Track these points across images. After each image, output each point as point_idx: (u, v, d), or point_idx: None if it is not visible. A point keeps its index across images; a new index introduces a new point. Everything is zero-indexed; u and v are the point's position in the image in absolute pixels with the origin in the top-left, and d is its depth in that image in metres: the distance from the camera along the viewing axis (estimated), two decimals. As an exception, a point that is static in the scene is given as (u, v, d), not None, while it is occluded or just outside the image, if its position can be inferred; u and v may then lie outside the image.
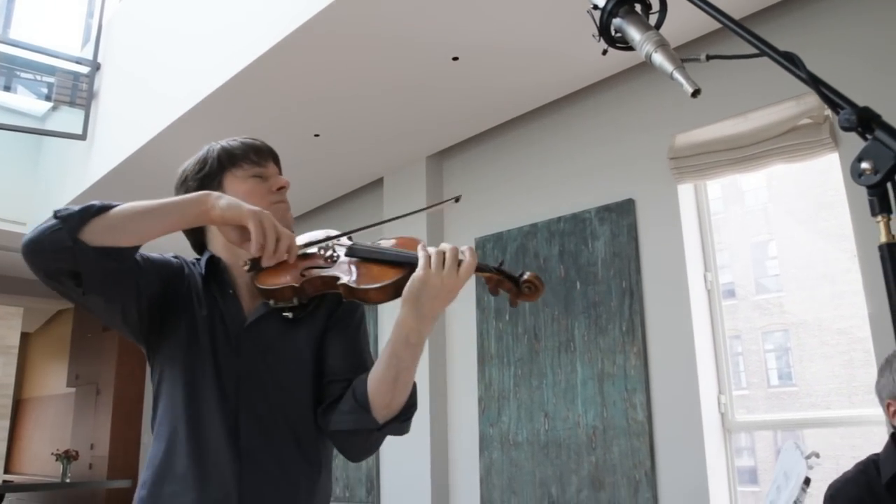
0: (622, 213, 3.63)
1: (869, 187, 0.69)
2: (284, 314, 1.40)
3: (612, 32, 1.01)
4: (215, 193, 1.25)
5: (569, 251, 3.80)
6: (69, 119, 5.57)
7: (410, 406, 1.36)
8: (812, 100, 3.09)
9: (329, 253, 1.38)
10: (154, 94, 4.45)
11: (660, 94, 3.56)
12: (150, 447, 1.41)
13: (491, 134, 4.37)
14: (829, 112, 3.05)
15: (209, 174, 1.48)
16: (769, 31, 3.30)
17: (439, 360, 4.31)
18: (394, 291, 1.28)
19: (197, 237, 1.54)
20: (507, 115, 4.17)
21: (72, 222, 1.17)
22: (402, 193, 4.73)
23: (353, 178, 5.02)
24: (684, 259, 3.43)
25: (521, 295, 1.32)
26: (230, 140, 1.54)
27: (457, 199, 1.50)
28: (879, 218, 0.68)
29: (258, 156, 1.51)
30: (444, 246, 1.28)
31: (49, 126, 6.15)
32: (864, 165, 0.69)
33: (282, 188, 1.51)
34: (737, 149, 3.30)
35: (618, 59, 3.52)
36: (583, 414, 3.58)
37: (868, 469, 1.80)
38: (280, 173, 1.55)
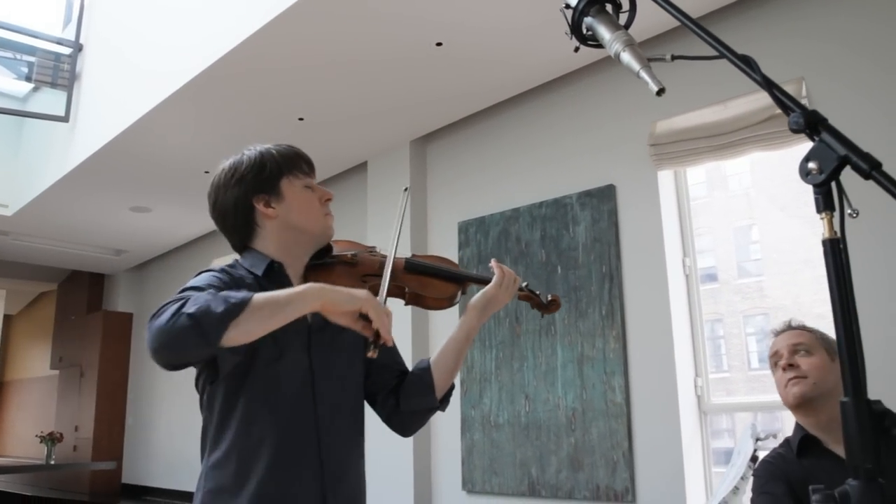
0: (603, 199, 3.68)
1: (815, 186, 0.73)
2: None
3: (584, 31, 1.05)
4: (326, 286, 1.28)
5: (550, 236, 3.85)
6: (51, 100, 5.53)
7: (453, 387, 1.68)
8: (790, 88, 3.14)
9: (380, 264, 1.59)
10: (138, 78, 4.44)
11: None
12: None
13: (474, 119, 4.40)
14: (806, 100, 3.10)
15: (269, 177, 1.54)
16: (757, 18, 3.34)
17: (422, 344, 4.36)
18: (448, 303, 1.63)
19: (242, 237, 1.58)
20: (490, 100, 4.20)
21: (213, 333, 1.18)
22: (386, 177, 4.75)
23: (337, 161, 5.03)
24: (663, 244, 3.48)
25: (548, 309, 1.79)
26: (277, 146, 1.62)
27: (406, 189, 1.69)
28: (823, 215, 0.72)
29: (307, 166, 1.62)
30: (506, 268, 1.67)
31: (31, 107, 6.11)
32: (811, 165, 0.74)
33: (328, 200, 1.61)
34: (716, 136, 3.35)
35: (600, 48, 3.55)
36: (562, 396, 3.64)
37: (784, 445, 1.97)
38: None
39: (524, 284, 1.74)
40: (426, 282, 1.63)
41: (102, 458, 7.10)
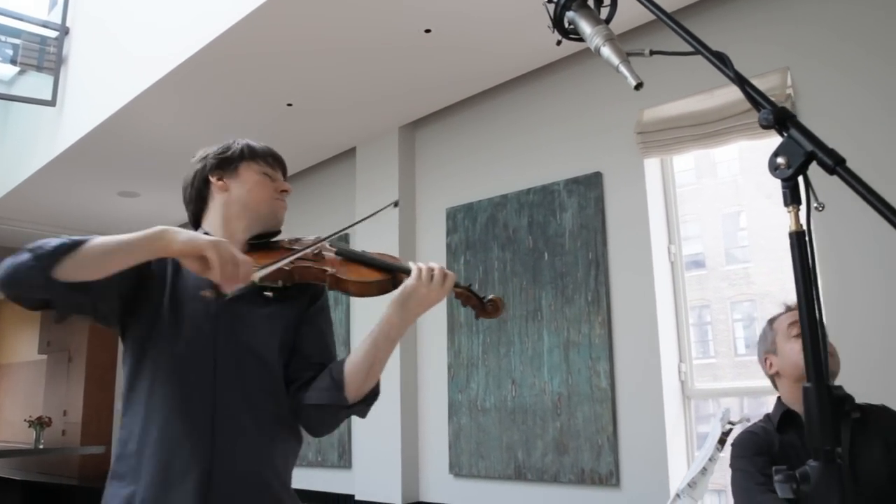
0: (590, 186, 3.71)
1: (783, 180, 0.76)
2: (266, 293, 1.54)
3: (566, 25, 1.07)
4: (174, 229, 1.31)
5: (537, 222, 3.88)
6: (38, 84, 5.50)
7: (375, 393, 1.56)
8: (775, 78, 3.17)
9: (316, 252, 1.56)
10: (125, 62, 4.42)
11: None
12: (122, 414, 1.50)
13: (463, 106, 4.41)
14: (790, 90, 3.14)
15: (230, 158, 1.65)
16: (741, 8, 3.37)
17: (410, 329, 4.39)
18: (376, 289, 1.53)
19: (195, 210, 1.69)
20: (478, 87, 4.21)
21: (44, 261, 1.25)
22: (374, 163, 4.76)
23: (325, 147, 5.03)
24: (649, 232, 3.52)
25: (485, 312, 1.61)
26: (254, 141, 1.72)
27: (395, 204, 1.72)
28: (790, 208, 0.75)
29: (274, 161, 1.70)
30: (433, 264, 1.52)
31: (16, 91, 6.07)
32: (780, 160, 0.77)
33: (285, 191, 1.68)
34: (702, 125, 3.38)
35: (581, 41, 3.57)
36: (548, 381, 3.68)
37: (765, 421, 2.04)
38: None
39: (469, 285, 1.63)
40: (352, 267, 1.57)
41: (91, 443, 7.12)
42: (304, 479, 4.92)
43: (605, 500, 3.43)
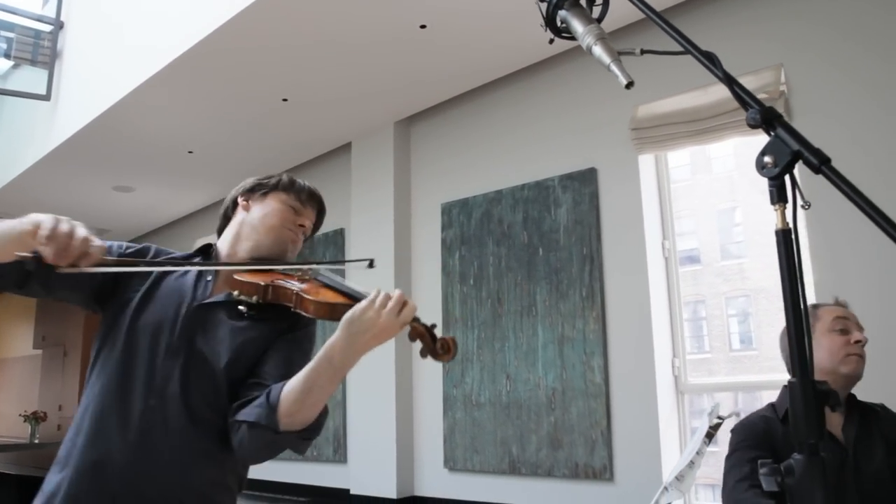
0: (584, 182, 3.72)
1: (770, 179, 0.77)
2: (240, 307, 1.52)
3: (558, 23, 1.08)
4: (35, 215, 1.31)
5: (532, 218, 3.89)
6: (32, 78, 5.49)
7: (313, 429, 1.41)
8: (768, 75, 3.19)
9: (306, 276, 1.55)
10: (120, 56, 4.42)
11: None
12: None
13: (458, 101, 4.42)
14: (784, 87, 3.15)
15: (266, 184, 1.69)
16: (735, 5, 3.38)
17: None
18: (329, 311, 1.41)
19: (221, 225, 1.73)
20: (473, 83, 4.21)
21: None
22: (369, 158, 4.77)
23: (321, 142, 5.04)
24: (643, 227, 3.53)
25: (434, 353, 1.41)
26: (300, 180, 1.74)
27: (370, 264, 1.61)
28: (777, 206, 0.77)
29: (308, 199, 1.71)
30: (396, 292, 1.36)
31: (10, 85, 6.05)
32: (767, 159, 0.78)
33: (303, 226, 1.69)
34: (696, 121, 3.39)
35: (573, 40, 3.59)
36: (543, 376, 3.70)
37: (766, 411, 2.05)
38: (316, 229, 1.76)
39: (430, 325, 1.43)
40: (318, 290, 1.48)
41: (87, 438, 7.11)
42: (298, 473, 4.94)
43: (598, 493, 3.45)
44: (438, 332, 1.41)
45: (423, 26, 3.53)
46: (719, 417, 0.88)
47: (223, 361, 1.48)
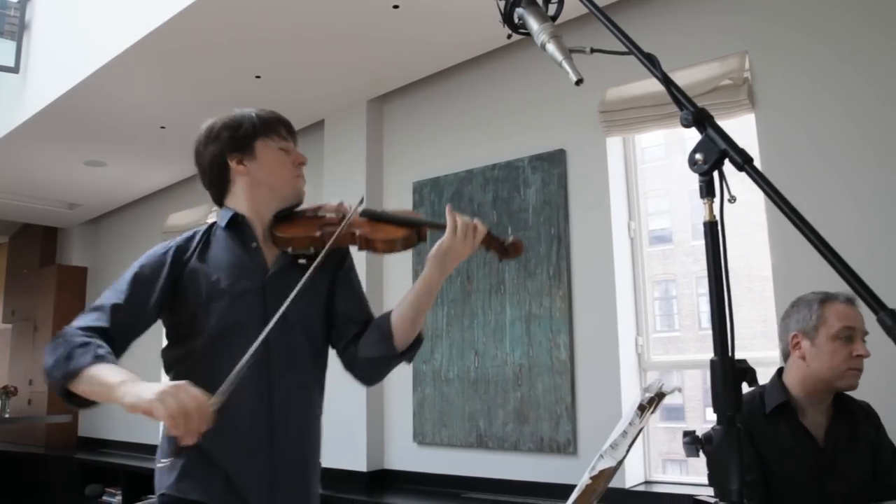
0: (553, 163, 3.79)
1: (700, 175, 0.84)
2: (300, 261, 1.64)
3: (515, 20, 1.14)
4: (124, 388, 1.33)
5: (502, 197, 3.96)
6: (0, 51, 5.42)
7: (419, 340, 1.67)
8: (734, 61, 3.26)
9: (342, 216, 1.65)
10: (92, 30, 4.38)
11: (595, 47, 3.68)
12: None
13: (430, 81, 4.45)
14: (748, 74, 3.23)
15: (244, 136, 1.68)
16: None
17: (376, 301, 4.46)
18: (402, 245, 1.62)
19: (218, 192, 1.74)
20: (446, 63, 4.25)
21: (57, 387, 1.42)
22: (342, 136, 4.79)
23: (294, 119, 4.93)
24: (610, 209, 3.62)
25: (507, 254, 1.65)
26: (261, 110, 1.75)
27: (361, 202, 1.71)
28: (706, 200, 0.84)
29: (287, 131, 1.74)
30: (466, 218, 1.58)
31: (-22, 56, 5.97)
32: (698, 157, 0.85)
33: (302, 164, 1.74)
34: (664, 105, 3.45)
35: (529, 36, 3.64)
36: (510, 352, 3.79)
37: (754, 398, 2.04)
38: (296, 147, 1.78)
39: (496, 235, 1.66)
40: (378, 227, 1.65)
41: (57, 412, 7.11)
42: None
43: (562, 467, 3.55)
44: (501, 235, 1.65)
45: (395, 6, 3.55)
46: (660, 394, 0.95)
47: (315, 321, 1.67)
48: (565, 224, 3.70)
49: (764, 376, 2.38)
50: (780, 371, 2.09)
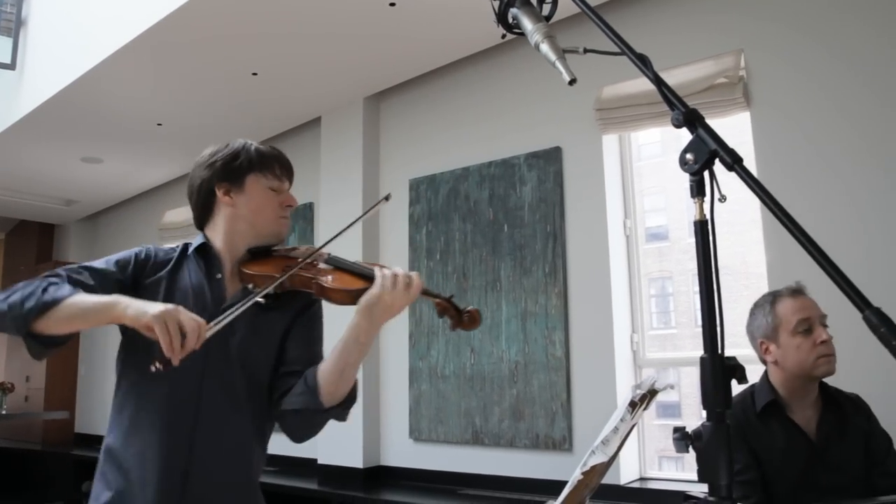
0: (549, 160, 3.81)
1: (691, 174, 0.85)
2: (258, 300, 1.56)
3: (510, 20, 1.15)
4: (125, 301, 1.39)
5: (498, 195, 3.97)
6: (-3, 47, 5.42)
7: (351, 398, 1.58)
8: (729, 60, 3.28)
9: (310, 261, 1.60)
10: (89, 27, 4.38)
11: (593, 44, 3.69)
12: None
13: (427, 78, 4.46)
14: (744, 72, 3.24)
15: (238, 168, 1.65)
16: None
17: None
18: (351, 298, 1.52)
19: (200, 217, 1.71)
20: (442, 60, 4.26)
21: (19, 322, 1.40)
22: (339, 133, 4.80)
23: (291, 117, 5.05)
24: (605, 206, 3.63)
25: (462, 324, 1.60)
26: (263, 145, 1.71)
27: (387, 198, 1.69)
28: (696, 199, 0.85)
29: (282, 171, 1.70)
30: (398, 270, 1.50)
31: (-26, 53, 5.96)
32: (688, 156, 0.86)
33: (290, 206, 1.70)
34: (659, 103, 3.44)
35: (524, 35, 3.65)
36: (506, 349, 3.81)
37: (745, 398, 2.08)
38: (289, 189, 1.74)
39: (448, 296, 1.59)
40: (336, 275, 1.57)
41: (54, 408, 7.13)
42: (269, 443, 5.00)
43: (558, 463, 3.57)
44: (460, 303, 1.60)
45: (392, 4, 3.56)
46: (652, 390, 0.96)
47: (260, 362, 1.60)
48: (561, 221, 3.72)
49: (758, 372, 2.41)
50: (766, 373, 2.13)
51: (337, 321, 1.65)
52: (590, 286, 3.61)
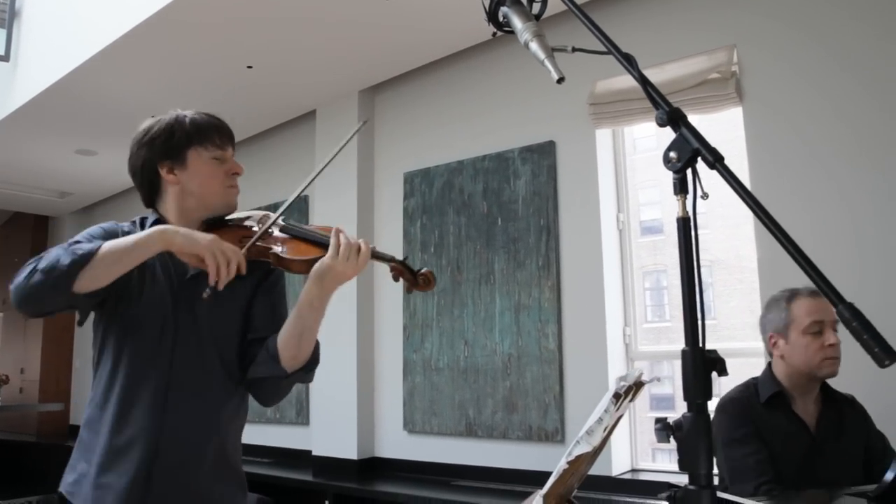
0: (543, 154, 3.82)
1: (674, 172, 0.87)
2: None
3: (500, 18, 1.17)
4: (172, 229, 1.45)
5: (492, 188, 3.99)
6: (-9, 38, 5.40)
7: (314, 360, 1.64)
8: (721, 55, 3.30)
9: (267, 229, 1.62)
10: (84, 19, 4.37)
11: (584, 40, 3.71)
12: (88, 382, 1.64)
13: (422, 72, 4.47)
14: (736, 68, 3.26)
15: (177, 144, 1.64)
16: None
17: (366, 289, 4.49)
18: (308, 268, 1.56)
19: (147, 196, 1.72)
20: (437, 53, 4.26)
21: (62, 280, 1.37)
22: (334, 126, 4.81)
23: (286, 110, 5.06)
24: (599, 200, 3.65)
25: (417, 285, 1.67)
26: (197, 113, 1.70)
27: (364, 123, 1.79)
28: (679, 197, 0.87)
29: (221, 139, 1.69)
30: (348, 238, 1.55)
31: (-32, 44, 5.94)
32: (672, 155, 0.88)
33: (236, 174, 1.71)
34: (652, 97, 3.49)
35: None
36: (499, 342, 3.83)
37: (749, 389, 2.18)
38: (233, 155, 1.74)
39: (404, 258, 1.68)
40: (292, 244, 1.61)
41: (49, 400, 7.14)
42: (262, 435, 5.04)
43: (550, 455, 3.60)
44: (415, 265, 1.69)
45: (387, -3, 3.57)
46: (638, 383, 0.98)
47: (228, 330, 1.65)
48: (554, 215, 3.74)
49: (754, 365, 2.47)
50: (769, 364, 2.21)
51: (298, 286, 1.70)
52: (583, 280, 3.63)
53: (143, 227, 1.67)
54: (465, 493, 3.65)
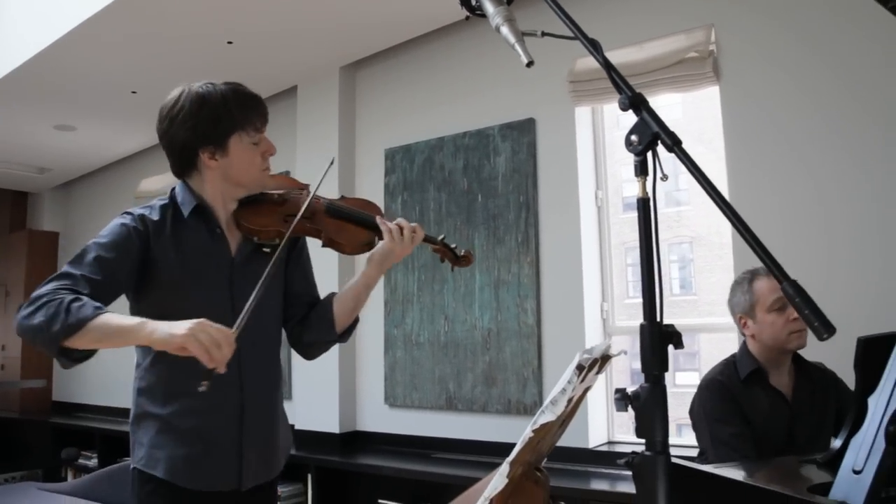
0: (523, 132, 3.85)
1: (635, 154, 0.91)
2: (264, 249, 1.75)
3: (473, 2, 1.20)
4: (151, 326, 1.42)
5: (472, 165, 4.02)
6: (-34, 11, 5.32)
7: (355, 323, 1.90)
8: (699, 34, 3.33)
9: (304, 209, 1.73)
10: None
11: (557, 24, 3.72)
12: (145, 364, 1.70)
13: (403, 48, 4.47)
14: (713, 47, 3.30)
15: (221, 132, 1.67)
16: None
17: (348, 266, 4.51)
18: (364, 249, 1.81)
19: (181, 171, 1.75)
20: (418, 30, 4.26)
21: (51, 342, 1.42)
22: (315, 102, 4.81)
23: (267, 85, 5.03)
24: (577, 177, 3.69)
25: (459, 263, 1.99)
26: (240, 92, 1.73)
27: (332, 162, 1.87)
28: (639, 178, 0.91)
29: (262, 121, 1.74)
30: (402, 222, 1.80)
31: (-56, 16, 5.85)
32: (633, 138, 0.92)
33: (271, 155, 1.77)
34: (630, 76, 3.51)
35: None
36: (479, 317, 3.89)
37: (729, 366, 2.27)
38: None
39: (440, 237, 1.93)
40: (342, 227, 1.79)
41: (31, 377, 7.12)
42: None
43: (529, 428, 3.67)
44: (452, 244, 1.98)
45: (367, -26, 3.56)
46: (605, 356, 1.02)
47: (277, 303, 1.84)
48: (534, 192, 3.78)
49: (732, 340, 2.55)
50: (744, 343, 2.31)
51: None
52: (561, 256, 3.68)
53: (175, 206, 1.71)
54: (446, 466, 3.72)
